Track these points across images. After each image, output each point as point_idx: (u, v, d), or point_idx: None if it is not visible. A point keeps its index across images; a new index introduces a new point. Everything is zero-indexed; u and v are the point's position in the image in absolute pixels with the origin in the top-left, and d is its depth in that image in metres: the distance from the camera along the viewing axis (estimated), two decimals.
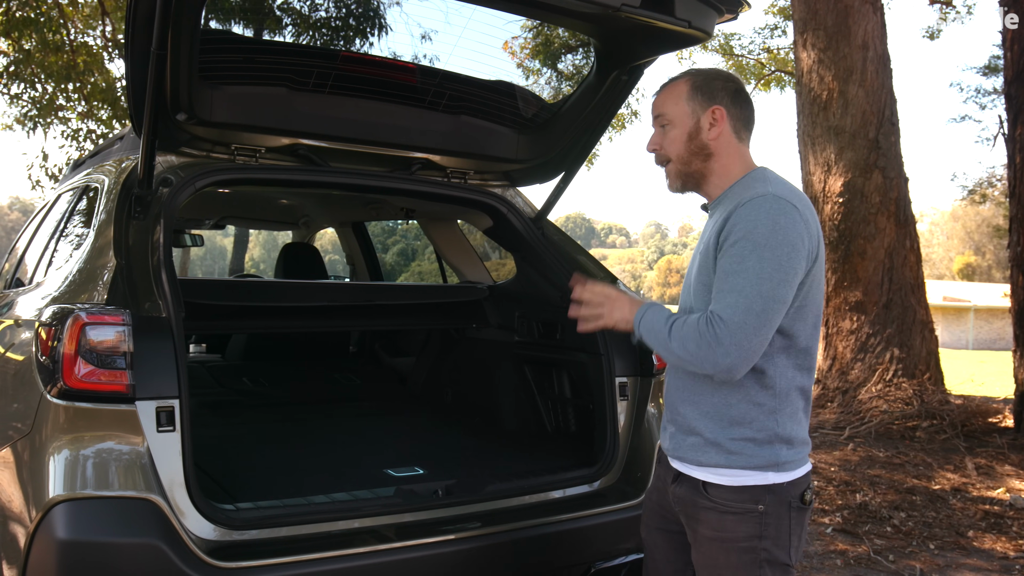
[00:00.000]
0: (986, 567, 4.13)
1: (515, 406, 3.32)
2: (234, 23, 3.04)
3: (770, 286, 1.68)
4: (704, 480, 1.82)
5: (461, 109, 2.98)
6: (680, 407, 1.88)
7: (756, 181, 1.82)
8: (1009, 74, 7.31)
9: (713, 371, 1.73)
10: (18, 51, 11.35)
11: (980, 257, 55.06)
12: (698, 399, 1.85)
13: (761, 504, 1.77)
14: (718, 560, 1.80)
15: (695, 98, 1.87)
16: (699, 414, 1.84)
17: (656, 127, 1.93)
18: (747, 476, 1.79)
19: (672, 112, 1.89)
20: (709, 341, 1.69)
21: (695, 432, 1.84)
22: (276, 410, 3.71)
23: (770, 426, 1.79)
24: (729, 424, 1.80)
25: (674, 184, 1.93)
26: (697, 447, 1.83)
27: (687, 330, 1.74)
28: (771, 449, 1.79)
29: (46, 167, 12.72)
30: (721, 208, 1.83)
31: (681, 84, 1.90)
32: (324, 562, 2.08)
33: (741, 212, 1.73)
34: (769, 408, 1.79)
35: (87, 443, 1.97)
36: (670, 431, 1.92)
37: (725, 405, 1.81)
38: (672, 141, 1.89)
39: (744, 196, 1.77)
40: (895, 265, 7.78)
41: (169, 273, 2.21)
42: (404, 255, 23.37)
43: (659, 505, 2.00)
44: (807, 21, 8.12)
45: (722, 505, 1.79)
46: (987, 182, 21.71)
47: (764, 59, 18.80)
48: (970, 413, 7.45)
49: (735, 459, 1.79)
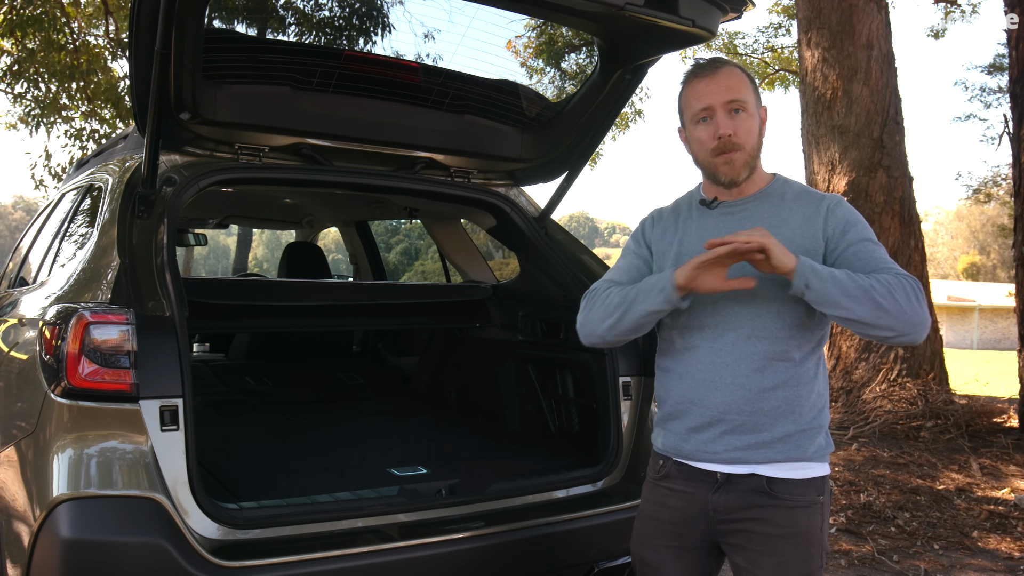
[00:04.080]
0: (991, 567, 4.11)
1: (518, 405, 3.31)
2: (238, 22, 3.05)
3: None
4: (771, 476, 1.76)
5: (464, 108, 2.97)
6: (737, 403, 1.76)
7: (792, 181, 1.90)
8: (1014, 73, 7.29)
9: (913, 329, 1.66)
10: (22, 50, 11.37)
11: (985, 257, 54.94)
12: (764, 393, 1.75)
13: (821, 495, 1.79)
14: (786, 556, 1.75)
15: (756, 93, 1.85)
16: (765, 409, 1.76)
17: (725, 111, 1.79)
18: (814, 468, 1.79)
19: (750, 101, 1.81)
20: (918, 294, 1.67)
21: (758, 429, 1.76)
22: (279, 409, 3.71)
23: (826, 416, 1.82)
24: (800, 416, 1.77)
25: (742, 174, 1.82)
26: (763, 444, 1.76)
27: (892, 282, 1.66)
28: (825, 438, 1.81)
29: (49, 166, 12.74)
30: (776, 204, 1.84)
31: (742, 74, 1.83)
32: (327, 561, 2.08)
33: (836, 208, 1.81)
34: (826, 399, 1.83)
35: (91, 442, 1.98)
36: (711, 432, 1.79)
37: (794, 397, 1.76)
38: (748, 131, 1.81)
39: (816, 194, 1.85)
40: (899, 264, 7.75)
41: (173, 272, 2.22)
42: (407, 254, 23.39)
43: (669, 523, 1.86)
44: (811, 20, 8.11)
45: (790, 500, 1.76)
46: (992, 181, 21.66)
47: (768, 58, 18.78)
48: (975, 413, 7.43)
49: (803, 451, 1.77)
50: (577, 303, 1.97)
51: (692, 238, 1.88)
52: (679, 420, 1.84)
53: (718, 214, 1.87)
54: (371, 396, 4.07)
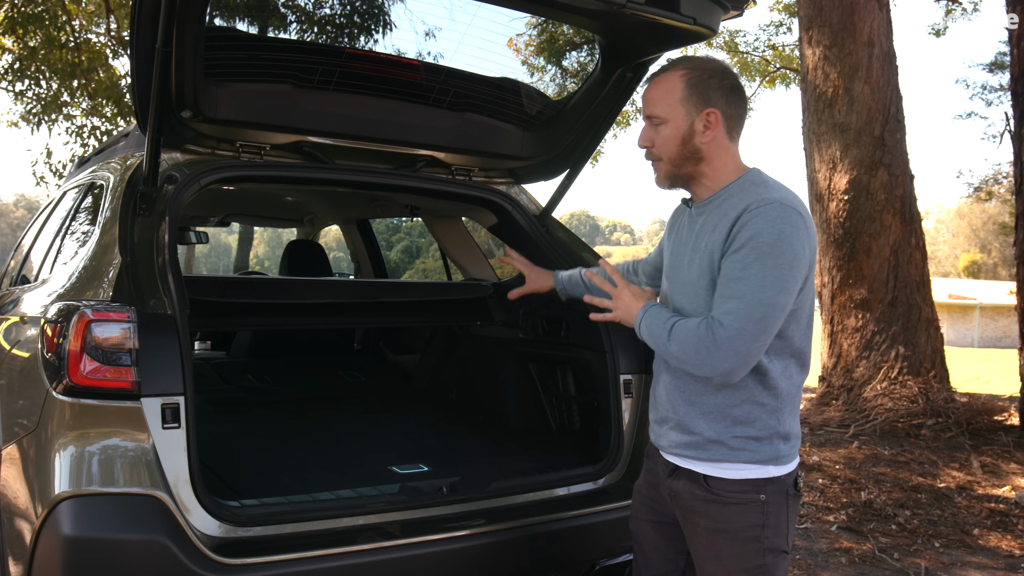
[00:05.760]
0: (991, 565, 4.12)
1: (519, 403, 3.32)
2: (239, 20, 3.05)
3: (771, 294, 1.69)
4: (705, 473, 1.84)
5: (466, 106, 2.97)
6: (679, 406, 1.89)
7: (755, 185, 1.82)
8: (1016, 71, 7.28)
9: (711, 374, 1.75)
10: (23, 48, 11.38)
11: (986, 255, 54.92)
12: (699, 399, 1.85)
13: (763, 494, 1.80)
14: (722, 551, 1.81)
15: (690, 99, 1.82)
16: (699, 414, 1.85)
17: (647, 122, 1.90)
18: (749, 470, 1.81)
19: (665, 113, 1.84)
20: (708, 346, 1.72)
21: (694, 431, 1.85)
22: (280, 407, 3.72)
23: (772, 424, 1.82)
24: (732, 424, 1.82)
25: (663, 183, 1.92)
26: (697, 444, 1.85)
27: (686, 333, 1.76)
28: (771, 445, 1.82)
29: (51, 163, 12.76)
30: (717, 210, 1.83)
31: (675, 80, 1.84)
32: (328, 559, 2.09)
33: (748, 218, 1.73)
34: (771, 408, 1.82)
35: (93, 440, 1.98)
36: (665, 428, 1.93)
37: (728, 405, 1.82)
38: (665, 141, 1.86)
39: (750, 201, 1.76)
40: (900, 263, 7.76)
41: (174, 270, 2.22)
42: (408, 252, 23.39)
43: (649, 498, 2.03)
44: (812, 18, 8.10)
45: (724, 496, 1.81)
46: (993, 179, 21.67)
47: (769, 56, 18.76)
48: (975, 411, 7.43)
49: (738, 454, 1.81)
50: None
51: (673, 234, 2.03)
52: (652, 413, 2.03)
53: (692, 215, 1.94)
54: (372, 394, 4.07)
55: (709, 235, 1.83)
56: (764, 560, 1.80)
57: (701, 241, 1.85)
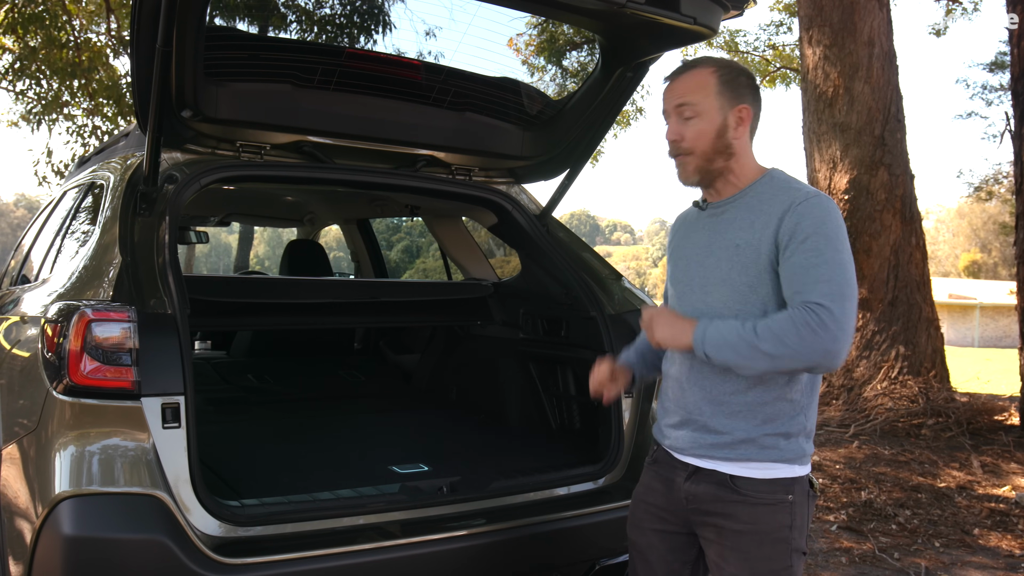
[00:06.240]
0: (991, 565, 4.12)
1: (520, 403, 3.32)
2: (239, 20, 3.05)
3: (850, 274, 1.71)
4: (733, 474, 1.80)
5: (466, 106, 2.97)
6: (702, 407, 1.84)
7: (788, 181, 1.83)
8: (1016, 71, 7.27)
9: (820, 359, 1.66)
10: (23, 48, 11.38)
11: (986, 254, 54.92)
12: (726, 399, 1.81)
13: (791, 494, 1.79)
14: (750, 552, 1.78)
15: (724, 94, 1.81)
16: (727, 413, 1.81)
17: (676, 115, 1.84)
18: (778, 469, 1.79)
19: (701, 104, 1.81)
20: (815, 328, 1.64)
21: (720, 431, 1.81)
22: (281, 407, 3.72)
23: (800, 421, 1.81)
24: (763, 421, 1.79)
25: (691, 178, 1.87)
26: (724, 444, 1.81)
27: (781, 326, 1.67)
28: (798, 443, 1.81)
29: (51, 163, 12.76)
30: (749, 207, 1.81)
31: (709, 75, 1.82)
32: (329, 558, 2.09)
33: (803, 210, 1.73)
34: (801, 404, 1.81)
35: (93, 439, 1.98)
36: (685, 430, 1.87)
37: (760, 403, 1.79)
38: (698, 135, 1.82)
39: (794, 196, 1.76)
40: (901, 262, 7.76)
41: (174, 270, 2.22)
42: (408, 252, 23.38)
43: (655, 506, 1.95)
44: (813, 18, 8.10)
45: (753, 497, 1.78)
46: (993, 179, 21.67)
47: (769, 56, 18.76)
48: (976, 411, 7.43)
49: (768, 453, 1.78)
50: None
51: (683, 239, 1.98)
52: (665, 417, 1.95)
53: (707, 216, 1.91)
54: (372, 394, 4.07)
55: (746, 232, 1.79)
56: (791, 561, 1.78)
57: (733, 238, 1.81)
